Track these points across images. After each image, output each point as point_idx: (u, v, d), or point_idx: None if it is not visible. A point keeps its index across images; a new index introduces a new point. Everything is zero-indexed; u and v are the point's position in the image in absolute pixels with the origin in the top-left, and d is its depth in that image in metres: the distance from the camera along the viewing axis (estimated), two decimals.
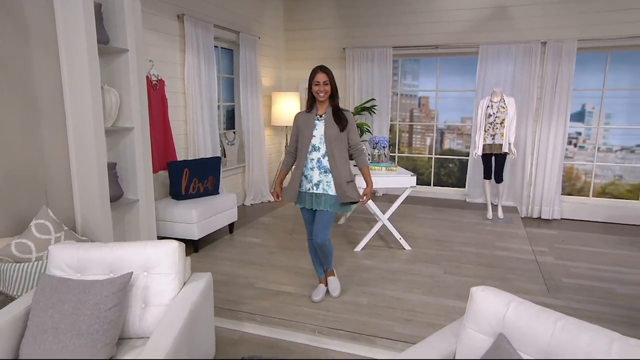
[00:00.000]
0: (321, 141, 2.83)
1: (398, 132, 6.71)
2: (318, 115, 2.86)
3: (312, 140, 2.83)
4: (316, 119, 2.85)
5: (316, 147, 2.84)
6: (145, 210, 3.27)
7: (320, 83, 2.77)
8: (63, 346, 1.66)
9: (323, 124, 2.83)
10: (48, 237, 2.52)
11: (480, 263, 3.75)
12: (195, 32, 4.46)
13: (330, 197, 2.83)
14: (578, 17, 5.13)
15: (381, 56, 6.09)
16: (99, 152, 2.81)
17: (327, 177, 2.83)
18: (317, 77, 2.78)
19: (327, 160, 2.83)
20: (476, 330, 1.52)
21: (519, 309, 1.46)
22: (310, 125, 2.84)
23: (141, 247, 2.01)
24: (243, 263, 3.72)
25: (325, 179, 2.83)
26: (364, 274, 3.50)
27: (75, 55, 2.68)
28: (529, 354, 1.39)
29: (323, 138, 2.82)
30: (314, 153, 2.84)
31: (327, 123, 2.82)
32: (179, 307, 1.87)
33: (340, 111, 2.85)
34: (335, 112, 2.84)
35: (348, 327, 2.68)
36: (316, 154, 2.84)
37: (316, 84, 2.78)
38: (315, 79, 2.78)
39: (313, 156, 2.85)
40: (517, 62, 5.44)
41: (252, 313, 2.86)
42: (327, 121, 2.82)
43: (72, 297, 1.76)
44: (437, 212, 5.51)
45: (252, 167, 5.72)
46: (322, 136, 2.83)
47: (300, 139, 2.90)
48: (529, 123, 5.47)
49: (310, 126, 2.84)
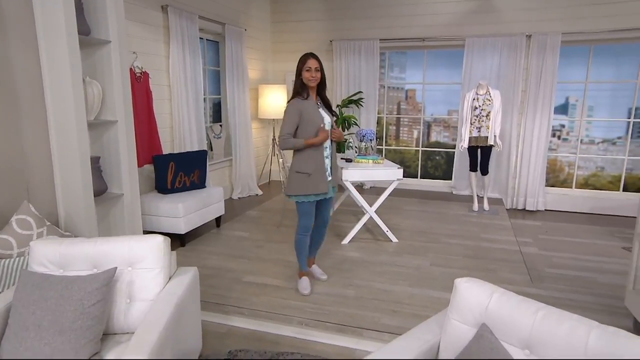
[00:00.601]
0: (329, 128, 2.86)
1: (385, 125, 6.72)
2: (316, 103, 2.86)
3: (325, 127, 2.83)
4: (319, 107, 2.85)
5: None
6: (130, 204, 3.23)
7: (312, 69, 2.75)
8: (46, 343, 1.64)
9: (325, 112, 2.86)
10: (30, 233, 2.48)
11: (466, 254, 3.80)
12: (179, 23, 4.39)
13: (332, 182, 2.97)
14: (562, 10, 5.18)
15: (368, 48, 6.08)
16: (82, 146, 2.77)
17: (330, 163, 2.93)
18: (308, 63, 2.75)
19: (330, 147, 2.92)
20: (460, 321, 1.54)
21: (501, 299, 1.48)
22: (317, 113, 2.81)
23: (125, 242, 1.99)
24: (230, 257, 3.71)
25: (329, 165, 2.93)
26: (351, 266, 3.52)
27: (55, 47, 2.62)
28: (511, 344, 1.41)
29: (329, 125, 2.86)
30: (327, 141, 2.86)
31: (326, 111, 2.88)
32: (164, 301, 1.86)
33: (329, 101, 2.91)
34: (326, 101, 2.90)
35: (335, 319, 2.69)
36: (327, 142, 2.87)
37: (308, 69, 2.75)
38: (307, 65, 2.75)
39: (326, 144, 2.87)
40: (503, 55, 5.48)
41: (240, 307, 2.86)
42: (325, 109, 2.88)
43: (55, 293, 1.74)
44: (423, 204, 5.56)
45: (239, 161, 5.69)
46: (329, 124, 2.87)
47: (309, 127, 2.78)
48: (514, 116, 5.53)
49: (318, 113, 2.82)
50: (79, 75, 2.71)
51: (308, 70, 2.73)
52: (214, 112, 5.73)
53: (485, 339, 1.43)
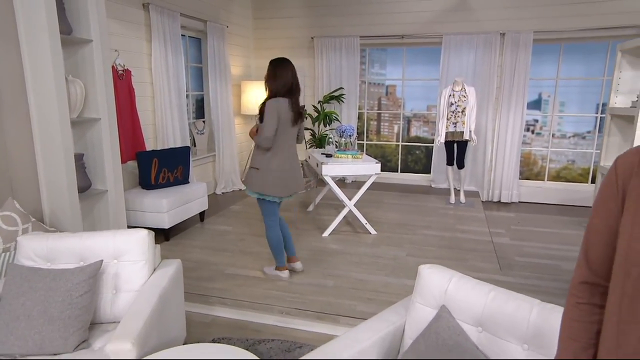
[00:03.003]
0: None
1: (366, 120, 6.85)
2: None
3: None
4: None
5: None
6: (115, 200, 3.30)
7: None
8: (36, 332, 1.73)
9: None
10: (15, 229, 2.54)
11: (440, 245, 3.97)
12: (161, 21, 4.44)
13: None
14: (534, 10, 5.37)
15: (349, 45, 6.19)
16: (65, 143, 2.82)
17: None
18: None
19: None
20: (422, 304, 1.68)
21: (458, 283, 1.63)
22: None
23: (111, 236, 2.08)
24: (214, 250, 3.80)
25: None
26: (330, 257, 3.65)
27: (37, 47, 2.66)
28: (466, 322, 1.56)
29: None
30: None
31: None
32: (148, 292, 1.96)
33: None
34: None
35: (314, 308, 2.82)
36: None
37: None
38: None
39: None
40: (478, 52, 5.66)
41: (223, 297, 2.97)
42: None
43: (43, 285, 1.83)
44: (403, 197, 5.72)
45: (222, 156, 5.76)
46: None
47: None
48: (489, 111, 5.72)
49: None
50: (62, 74, 2.77)
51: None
52: (196, 109, 5.79)
53: (443, 319, 1.57)
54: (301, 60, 6.44)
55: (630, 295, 0.75)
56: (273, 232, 3.10)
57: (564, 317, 0.91)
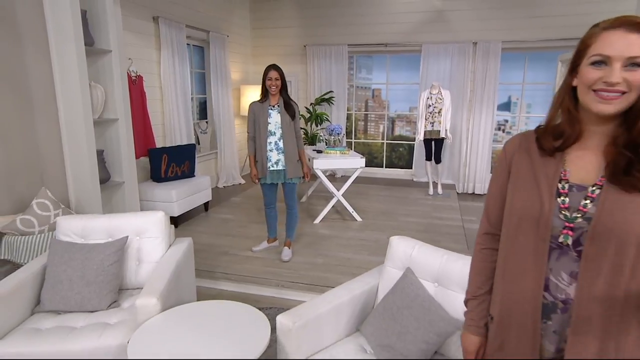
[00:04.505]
0: (276, 127, 3.23)
1: (354, 121, 7.12)
2: (271, 105, 3.24)
3: (268, 126, 3.22)
4: (270, 109, 3.24)
5: (272, 132, 3.23)
6: (130, 190, 3.55)
7: (272, 79, 3.14)
8: (76, 293, 1.99)
9: (277, 112, 3.23)
10: (48, 214, 2.78)
11: (417, 230, 4.26)
12: (169, 32, 4.67)
13: (281, 172, 3.31)
14: (503, 22, 5.67)
15: (338, 53, 6.45)
16: (89, 141, 3.06)
17: (278, 157, 3.28)
18: (269, 74, 3.16)
19: (282, 142, 3.23)
20: (392, 267, 1.96)
21: (420, 249, 1.91)
22: (265, 114, 3.22)
23: (133, 217, 2.33)
24: (218, 235, 4.06)
25: (282, 157, 3.26)
26: (321, 241, 3.92)
27: (65, 57, 2.90)
28: (425, 279, 1.84)
29: (278, 125, 3.22)
30: (271, 137, 3.24)
31: (281, 112, 3.21)
32: (166, 262, 2.22)
33: (290, 103, 3.25)
34: (287, 103, 3.23)
35: (306, 281, 3.10)
36: (273, 138, 3.24)
37: (269, 79, 3.15)
38: (268, 75, 3.16)
39: (271, 140, 3.25)
40: (454, 59, 5.94)
41: (227, 273, 3.23)
42: (280, 111, 3.21)
43: (80, 255, 2.08)
44: (387, 190, 6.00)
45: (223, 153, 6.01)
46: (277, 123, 3.23)
47: (257, 125, 3.26)
48: (464, 112, 6.02)
49: (265, 115, 3.22)
50: (86, 80, 3.00)
51: (269, 79, 3.14)
52: (200, 110, 6.03)
53: (408, 277, 1.85)
54: (295, 66, 6.70)
55: (512, 235, 1.03)
56: None
57: (473, 260, 1.19)
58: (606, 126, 0.95)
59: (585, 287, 0.91)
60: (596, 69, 0.90)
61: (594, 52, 0.91)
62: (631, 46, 0.87)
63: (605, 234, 0.90)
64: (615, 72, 0.88)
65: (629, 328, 0.91)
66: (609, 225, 0.89)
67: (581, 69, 0.94)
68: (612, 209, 0.90)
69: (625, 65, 0.87)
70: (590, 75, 0.91)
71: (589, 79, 0.91)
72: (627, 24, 0.88)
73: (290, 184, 3.36)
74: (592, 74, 0.91)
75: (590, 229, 0.91)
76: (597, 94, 0.90)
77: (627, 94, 0.89)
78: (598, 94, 0.90)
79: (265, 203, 3.45)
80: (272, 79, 3.13)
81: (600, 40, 0.90)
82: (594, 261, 0.91)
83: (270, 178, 3.30)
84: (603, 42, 0.90)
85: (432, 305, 1.71)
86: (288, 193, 3.40)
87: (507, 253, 1.04)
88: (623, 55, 0.87)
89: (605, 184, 0.92)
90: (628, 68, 0.87)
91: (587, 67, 0.92)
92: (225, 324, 1.74)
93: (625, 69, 0.87)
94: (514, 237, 1.02)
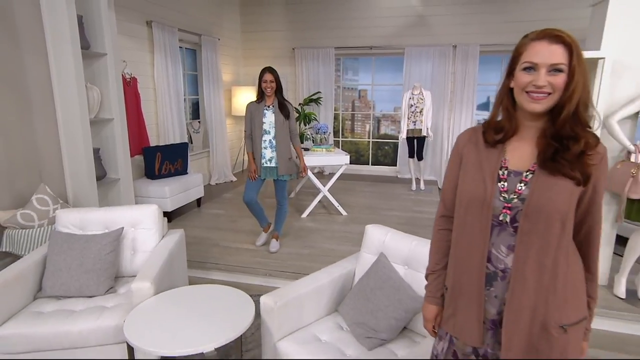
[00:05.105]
0: (271, 126, 3.34)
1: (342, 120, 7.26)
2: (266, 105, 3.35)
3: (263, 126, 3.33)
4: (265, 109, 3.34)
5: (267, 131, 3.34)
6: (125, 187, 3.63)
7: (267, 81, 3.25)
8: (75, 279, 2.09)
9: (272, 112, 3.34)
10: (47, 209, 2.87)
11: (398, 222, 4.40)
12: (162, 35, 4.75)
13: (274, 169, 3.41)
14: (480, 26, 5.84)
15: (325, 55, 6.58)
16: (85, 139, 3.15)
17: (272, 154, 3.38)
18: (265, 77, 3.26)
19: (275, 141, 3.34)
20: (367, 253, 2.09)
21: (392, 236, 2.04)
22: (260, 114, 3.33)
23: (128, 210, 2.44)
24: (209, 229, 4.17)
25: (275, 155, 3.37)
26: (308, 233, 4.05)
27: (62, 59, 2.98)
28: (397, 263, 1.97)
29: (272, 124, 3.33)
30: (266, 136, 3.35)
31: (275, 112, 3.32)
32: (160, 251, 2.33)
33: (285, 103, 3.35)
34: (281, 103, 3.34)
35: (292, 270, 3.22)
36: (267, 137, 3.35)
37: (264, 81, 3.26)
38: (263, 78, 3.27)
39: (265, 138, 3.36)
40: (435, 61, 6.10)
41: (218, 264, 3.34)
42: (275, 111, 3.33)
43: (79, 245, 2.18)
44: (372, 186, 6.15)
45: (215, 152, 6.10)
46: (271, 123, 3.33)
47: (252, 124, 3.37)
48: (445, 112, 6.18)
49: (261, 115, 3.33)
50: (82, 82, 3.09)
51: (264, 82, 3.25)
52: (193, 111, 6.11)
53: (381, 262, 1.98)
54: (284, 68, 6.80)
55: (461, 216, 1.16)
56: None
57: (432, 240, 1.32)
58: (538, 122, 1.09)
59: (521, 257, 1.06)
60: (527, 73, 1.04)
61: (525, 60, 1.04)
62: (553, 55, 1.01)
63: (535, 212, 1.04)
64: (541, 76, 1.02)
65: (555, 288, 1.05)
66: (538, 204, 1.03)
67: (516, 74, 1.07)
68: (541, 190, 1.04)
69: (549, 71, 1.01)
70: (522, 79, 1.05)
71: (521, 82, 1.05)
72: (550, 36, 1.03)
73: (281, 181, 3.46)
74: (523, 78, 1.05)
75: (524, 208, 1.05)
76: (529, 95, 1.04)
77: (552, 94, 1.03)
78: (529, 95, 1.04)
79: (247, 200, 3.46)
80: (267, 81, 3.25)
81: (529, 49, 1.05)
82: (527, 235, 1.05)
83: (263, 174, 3.42)
84: (531, 51, 1.04)
85: (402, 285, 1.84)
86: (279, 189, 3.52)
87: (458, 232, 1.18)
88: (547, 63, 1.01)
89: (537, 170, 1.07)
90: (552, 73, 1.01)
91: (520, 72, 1.06)
92: (213, 305, 1.86)
93: (549, 74, 1.01)
94: (463, 217, 1.16)
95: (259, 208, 3.59)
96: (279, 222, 3.63)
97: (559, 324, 1.06)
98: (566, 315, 1.06)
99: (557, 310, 1.06)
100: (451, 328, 1.20)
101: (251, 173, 3.41)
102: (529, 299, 1.06)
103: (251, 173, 3.41)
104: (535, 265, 1.05)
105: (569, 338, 1.07)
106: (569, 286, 1.07)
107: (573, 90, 1.01)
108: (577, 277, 1.10)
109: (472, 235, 1.13)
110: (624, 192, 2.45)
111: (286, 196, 3.57)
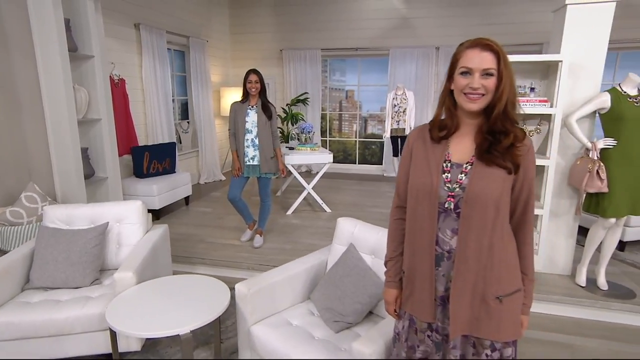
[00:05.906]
0: (253, 125, 3.46)
1: (329, 120, 7.38)
2: (250, 105, 3.47)
3: (246, 125, 3.45)
4: (249, 109, 3.46)
5: (249, 130, 3.46)
6: (114, 185, 3.73)
7: (252, 81, 3.38)
8: (62, 272, 2.19)
9: (255, 112, 3.46)
10: (35, 206, 2.96)
11: (380, 219, 4.53)
12: (150, 38, 4.85)
13: (256, 167, 3.52)
14: (462, 29, 6.00)
15: (312, 56, 6.70)
16: (74, 139, 3.24)
17: (255, 153, 3.50)
18: (250, 77, 3.39)
19: (258, 140, 3.46)
20: (338, 244, 2.22)
21: (361, 228, 2.17)
22: (243, 114, 3.45)
23: (114, 206, 2.54)
24: (196, 226, 4.27)
25: (258, 153, 3.49)
26: (292, 230, 4.17)
27: (50, 62, 3.06)
28: (364, 252, 2.10)
29: (255, 123, 3.45)
30: (248, 135, 3.47)
31: (258, 112, 3.44)
32: (143, 244, 2.43)
33: (268, 104, 3.48)
34: (265, 104, 3.46)
35: (274, 263, 3.33)
36: (250, 136, 3.47)
37: (249, 82, 3.38)
38: (248, 79, 3.39)
39: (247, 137, 3.48)
40: (419, 62, 6.25)
41: (203, 258, 3.45)
42: (258, 111, 3.44)
43: (65, 239, 2.28)
44: (358, 184, 6.28)
45: (204, 151, 6.20)
46: (254, 122, 3.45)
47: (235, 124, 3.49)
48: (429, 111, 6.33)
49: (244, 114, 3.45)
50: (70, 83, 3.18)
51: (249, 82, 3.37)
52: (182, 111, 6.20)
53: (350, 252, 2.11)
54: (271, 69, 6.92)
55: (413, 206, 1.29)
56: None
57: (389, 229, 1.45)
58: (475, 119, 1.23)
59: (463, 238, 1.19)
60: (464, 77, 1.18)
61: (461, 65, 1.18)
62: (484, 61, 1.15)
63: (473, 199, 1.17)
64: (475, 79, 1.15)
65: (492, 265, 1.19)
66: (475, 191, 1.17)
67: (455, 77, 1.21)
68: (477, 179, 1.18)
69: (482, 75, 1.15)
70: (460, 82, 1.19)
71: (459, 84, 1.19)
72: (481, 45, 1.17)
73: (264, 179, 3.58)
74: (461, 81, 1.18)
75: (464, 195, 1.18)
76: (466, 96, 1.18)
77: (485, 95, 1.17)
78: (467, 96, 1.18)
79: (231, 197, 3.57)
80: (252, 82, 3.38)
81: (464, 56, 1.18)
82: (468, 219, 1.18)
83: (246, 172, 3.53)
84: (466, 58, 1.18)
85: (367, 273, 1.97)
86: (262, 187, 3.64)
87: (410, 220, 1.31)
88: (480, 68, 1.15)
89: (475, 161, 1.20)
90: (484, 77, 1.15)
91: (458, 76, 1.20)
92: (192, 293, 1.97)
93: (482, 77, 1.15)
94: (414, 207, 1.29)
95: (243, 205, 3.69)
96: (263, 218, 3.75)
97: (495, 295, 1.20)
98: (501, 288, 1.21)
99: (493, 284, 1.20)
100: (409, 307, 1.33)
101: (235, 171, 3.51)
102: (471, 276, 1.20)
103: (235, 171, 3.51)
104: (475, 245, 1.18)
105: (504, 307, 1.21)
106: (504, 264, 1.21)
107: (502, 91, 1.16)
108: (511, 255, 1.24)
109: (422, 221, 1.26)
110: (582, 186, 2.61)
111: (269, 193, 3.68)
